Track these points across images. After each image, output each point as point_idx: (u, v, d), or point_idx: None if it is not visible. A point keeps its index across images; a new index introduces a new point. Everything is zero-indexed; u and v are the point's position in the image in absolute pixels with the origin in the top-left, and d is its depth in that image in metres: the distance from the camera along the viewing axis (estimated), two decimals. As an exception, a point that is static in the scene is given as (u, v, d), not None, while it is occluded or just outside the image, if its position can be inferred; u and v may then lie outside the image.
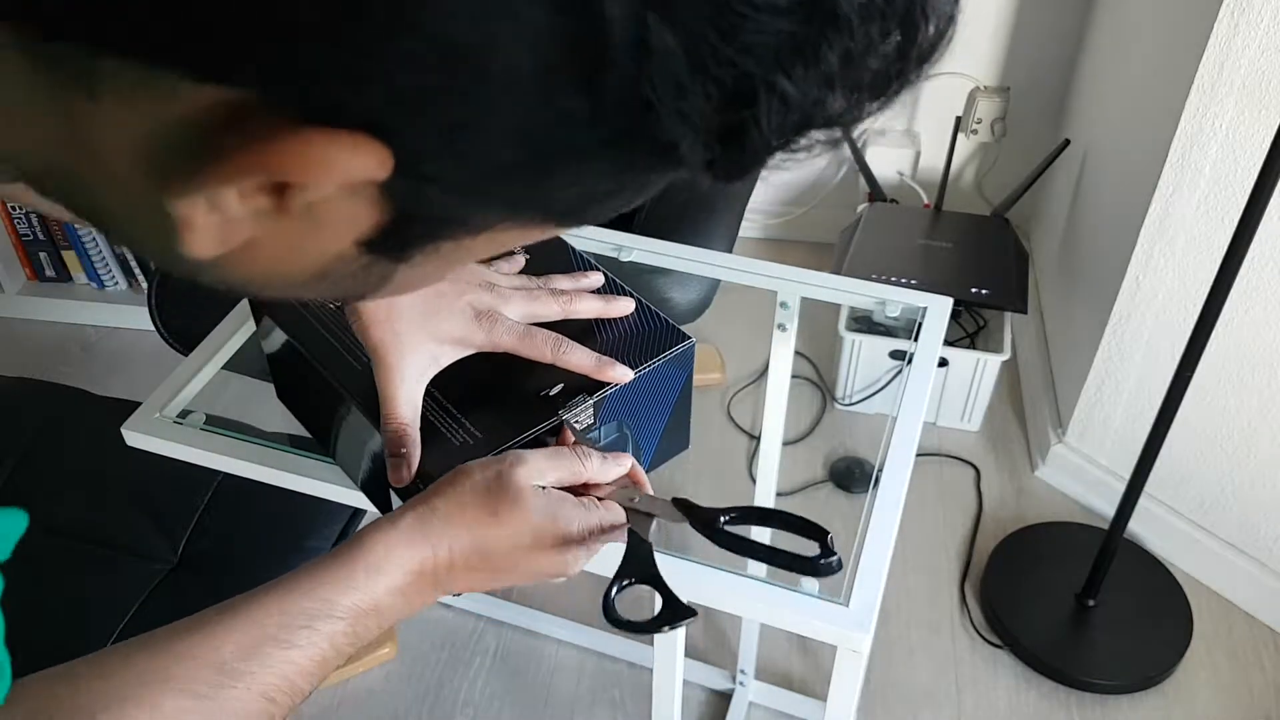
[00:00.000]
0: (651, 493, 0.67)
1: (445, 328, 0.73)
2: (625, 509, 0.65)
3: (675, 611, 0.61)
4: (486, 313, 0.74)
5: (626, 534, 0.65)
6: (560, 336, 0.75)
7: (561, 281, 0.82)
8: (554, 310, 0.78)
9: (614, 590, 0.63)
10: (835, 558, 0.62)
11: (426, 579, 0.58)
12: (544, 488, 0.62)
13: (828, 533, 0.63)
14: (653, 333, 0.80)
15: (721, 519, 0.65)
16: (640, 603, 0.62)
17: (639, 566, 0.64)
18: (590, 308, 0.80)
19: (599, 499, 0.65)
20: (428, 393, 0.75)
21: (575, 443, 0.70)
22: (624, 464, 0.67)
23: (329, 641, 0.54)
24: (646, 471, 0.81)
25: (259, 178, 0.28)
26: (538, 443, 0.73)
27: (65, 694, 0.48)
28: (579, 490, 0.65)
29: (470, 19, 0.25)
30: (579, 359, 0.74)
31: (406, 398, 0.71)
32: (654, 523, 0.65)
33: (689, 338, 0.79)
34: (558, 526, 0.61)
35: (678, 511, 0.65)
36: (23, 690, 0.48)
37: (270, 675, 0.51)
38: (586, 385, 0.75)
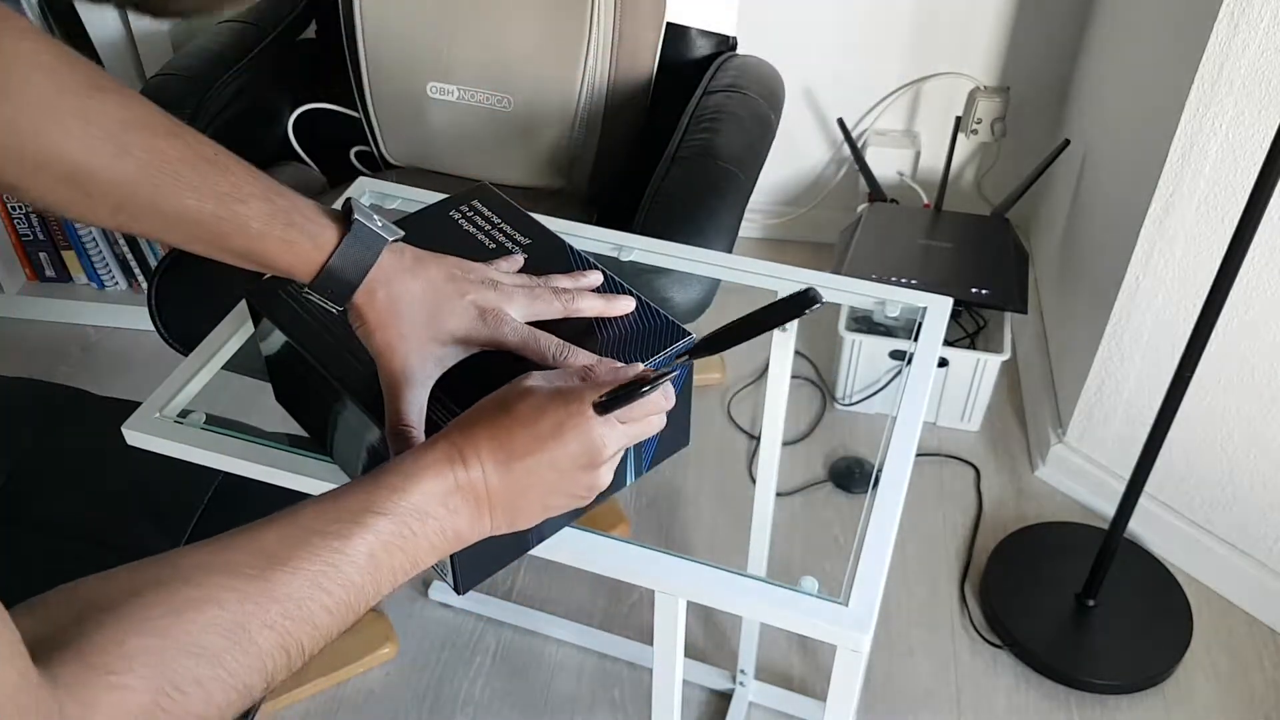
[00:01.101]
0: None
1: (449, 327, 0.73)
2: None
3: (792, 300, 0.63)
4: (491, 310, 0.74)
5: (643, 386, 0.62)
6: (563, 341, 0.75)
7: (562, 281, 0.82)
8: (556, 308, 0.78)
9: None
10: (809, 289, 0.65)
11: (465, 489, 0.59)
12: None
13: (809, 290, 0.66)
14: (653, 330, 0.80)
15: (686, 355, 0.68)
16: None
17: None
18: (591, 306, 0.80)
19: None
20: (431, 392, 0.75)
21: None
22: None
23: (375, 535, 0.54)
24: (646, 470, 0.81)
25: None
26: None
27: (99, 586, 0.48)
28: None
29: None
30: (581, 362, 0.74)
31: (412, 400, 0.71)
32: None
33: (689, 334, 0.79)
34: (567, 397, 0.61)
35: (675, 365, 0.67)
36: (53, 594, 0.47)
37: (318, 562, 0.51)
38: None
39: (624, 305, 0.81)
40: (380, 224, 0.72)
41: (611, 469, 0.65)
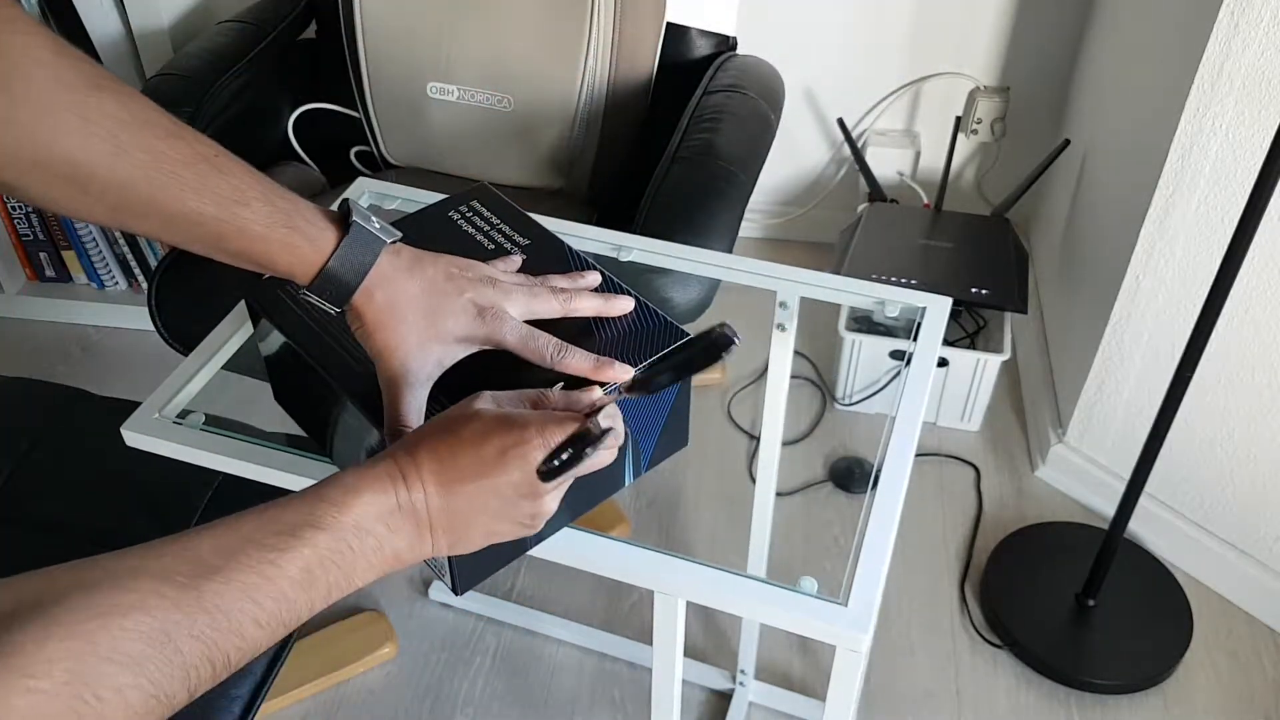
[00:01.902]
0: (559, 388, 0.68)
1: (448, 325, 0.73)
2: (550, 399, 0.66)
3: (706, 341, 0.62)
4: (489, 308, 0.74)
5: (581, 429, 0.62)
6: (561, 341, 0.75)
7: (560, 281, 0.81)
8: (554, 308, 0.78)
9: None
10: (721, 327, 0.64)
11: (406, 509, 0.58)
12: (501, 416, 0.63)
13: (722, 326, 0.64)
14: (651, 330, 0.80)
15: (623, 387, 0.67)
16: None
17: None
18: (590, 306, 0.80)
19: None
20: (431, 392, 0.75)
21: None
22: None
23: (311, 550, 0.53)
24: (645, 471, 0.81)
25: None
26: None
27: (35, 584, 0.47)
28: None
29: None
30: (577, 363, 0.74)
31: (411, 401, 0.71)
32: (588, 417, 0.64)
33: (687, 334, 0.79)
34: (513, 424, 0.61)
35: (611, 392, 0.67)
36: None
37: (251, 574, 0.50)
38: (587, 383, 0.75)
39: (622, 305, 0.81)
40: (378, 225, 0.71)
41: (556, 499, 0.64)
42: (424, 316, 0.72)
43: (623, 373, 0.74)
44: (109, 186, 0.63)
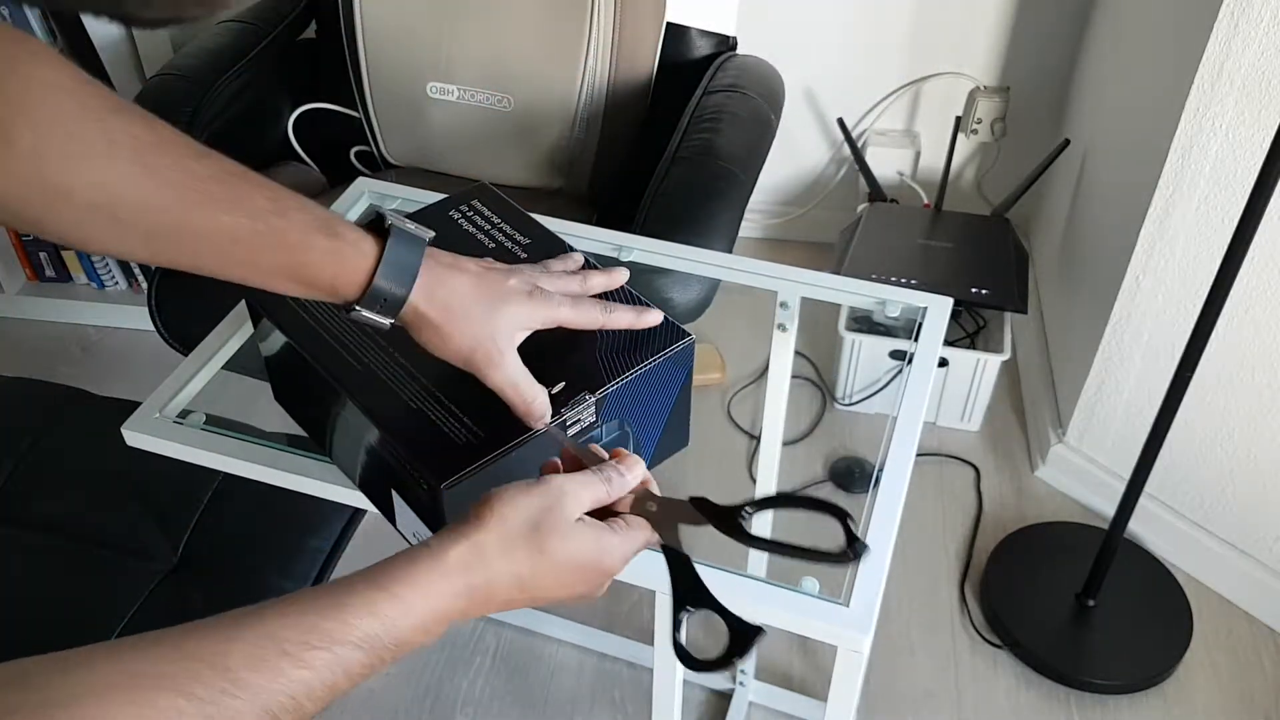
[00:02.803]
0: (659, 492, 0.66)
1: (510, 312, 0.71)
2: (647, 518, 0.64)
3: (744, 636, 0.59)
4: (536, 289, 0.73)
5: (660, 548, 0.63)
6: (602, 301, 0.77)
7: (554, 265, 0.82)
8: (595, 317, 0.77)
9: (680, 629, 0.61)
10: (859, 544, 0.61)
11: (458, 614, 0.55)
12: (582, 519, 0.61)
13: (847, 514, 0.62)
14: (652, 330, 0.80)
15: (742, 514, 0.64)
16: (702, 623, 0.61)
17: (690, 589, 0.62)
18: (625, 320, 0.78)
19: (619, 513, 0.64)
20: (429, 392, 0.75)
21: (571, 451, 0.69)
22: (638, 471, 0.65)
23: (343, 668, 0.50)
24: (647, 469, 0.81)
25: None
26: (539, 442, 0.73)
27: (50, 683, 0.44)
28: (605, 511, 0.64)
29: None
30: (625, 317, 0.78)
31: (514, 373, 0.71)
32: (680, 529, 0.64)
33: (689, 335, 0.79)
34: (601, 561, 0.60)
35: (698, 514, 0.64)
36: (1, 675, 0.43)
37: (278, 693, 0.47)
38: (588, 384, 0.75)
39: (653, 318, 0.80)
40: (413, 226, 0.69)
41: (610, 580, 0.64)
42: (483, 308, 0.70)
43: (654, 317, 0.79)
44: (140, 211, 0.60)
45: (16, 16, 1.87)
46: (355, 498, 0.83)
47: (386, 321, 0.68)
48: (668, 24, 1.61)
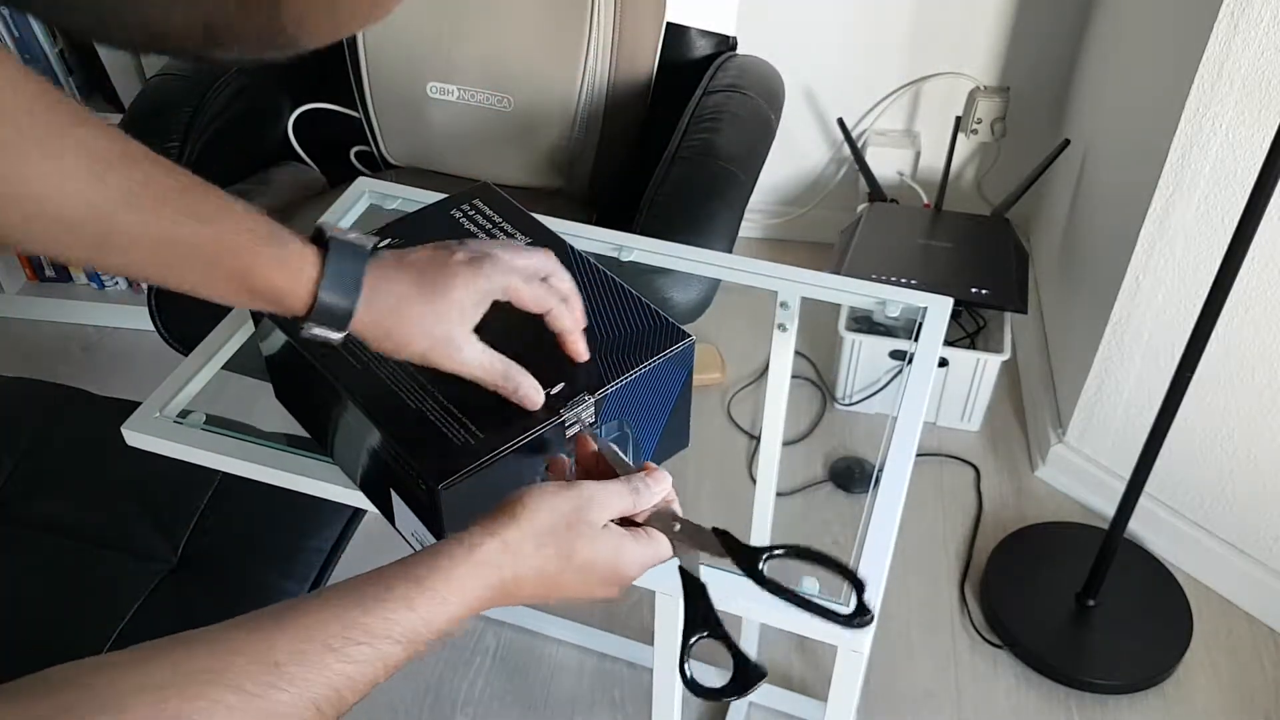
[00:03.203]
0: (681, 512, 0.67)
1: (457, 296, 0.70)
2: (669, 535, 0.66)
3: (747, 674, 0.60)
4: (486, 257, 0.71)
5: (679, 571, 0.65)
6: (565, 294, 0.75)
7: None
8: (549, 301, 0.75)
9: (687, 655, 0.63)
10: (869, 615, 0.63)
11: (486, 606, 0.58)
12: (608, 525, 0.63)
13: (864, 585, 0.63)
14: (652, 331, 0.80)
15: (763, 558, 0.65)
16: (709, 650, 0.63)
17: (703, 616, 0.64)
18: (566, 321, 0.76)
19: (641, 524, 0.66)
20: (429, 392, 0.75)
21: (593, 450, 0.69)
22: (665, 483, 0.67)
23: (383, 661, 0.52)
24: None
25: None
26: (539, 443, 0.73)
27: (99, 683, 0.45)
28: (627, 519, 0.65)
29: None
30: (568, 321, 0.75)
31: (474, 356, 0.70)
32: (700, 557, 0.65)
33: (688, 336, 0.79)
34: (621, 568, 0.63)
35: (719, 546, 0.66)
36: (49, 680, 0.45)
37: (322, 686, 0.49)
38: (588, 384, 0.75)
39: (582, 351, 0.77)
40: (354, 236, 0.69)
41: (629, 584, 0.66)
42: (426, 303, 0.69)
43: (583, 351, 0.76)
44: (92, 219, 0.60)
45: (18, 19, 1.87)
46: (355, 498, 0.83)
47: (337, 336, 0.68)
48: (668, 24, 1.61)
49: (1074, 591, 1.58)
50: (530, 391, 0.72)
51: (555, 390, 0.74)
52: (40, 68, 1.94)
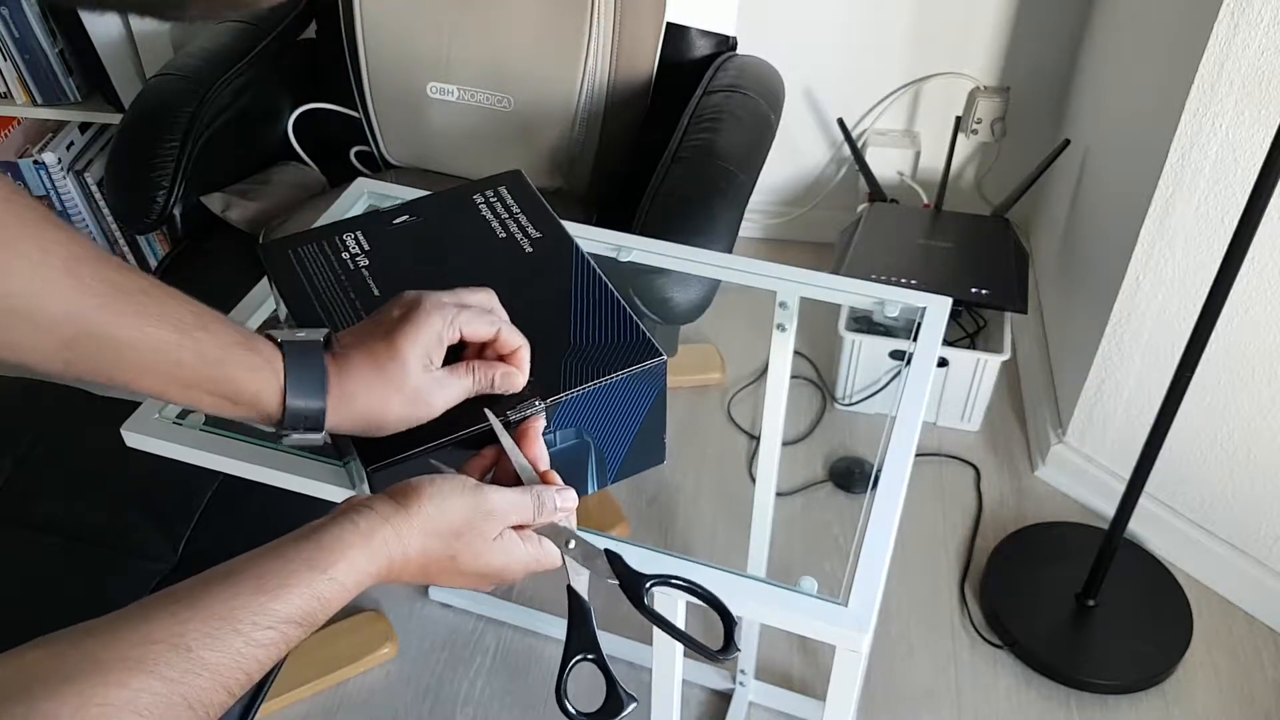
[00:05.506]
0: (577, 528, 0.69)
1: (411, 353, 0.68)
2: (563, 553, 0.69)
3: (615, 703, 0.63)
4: (414, 300, 0.70)
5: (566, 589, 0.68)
6: (502, 326, 0.72)
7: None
8: (485, 330, 0.73)
9: (565, 675, 0.66)
10: (734, 653, 0.67)
11: (371, 584, 0.61)
12: (500, 534, 0.65)
13: (735, 622, 0.67)
14: (625, 345, 0.77)
15: (646, 585, 0.68)
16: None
17: (586, 640, 0.67)
18: (498, 370, 0.73)
19: (538, 531, 0.68)
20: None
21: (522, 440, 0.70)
22: (570, 503, 0.69)
23: (285, 642, 0.55)
24: (611, 482, 0.80)
25: None
26: (479, 440, 0.72)
27: (44, 662, 0.49)
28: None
29: None
30: (499, 370, 0.72)
31: (445, 400, 0.70)
32: (588, 577, 0.68)
33: (661, 354, 0.77)
34: (504, 572, 0.66)
35: (609, 568, 0.69)
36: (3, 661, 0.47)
37: (235, 669, 0.52)
38: (541, 388, 0.73)
39: (518, 381, 0.74)
40: (304, 333, 0.68)
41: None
42: (384, 375, 0.68)
43: (519, 381, 0.73)
44: (63, 318, 0.60)
45: (17, 19, 1.88)
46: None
47: (318, 438, 0.68)
48: (668, 24, 1.61)
49: (1074, 592, 1.58)
50: (508, 378, 0.72)
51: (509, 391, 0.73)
52: (40, 67, 1.95)
